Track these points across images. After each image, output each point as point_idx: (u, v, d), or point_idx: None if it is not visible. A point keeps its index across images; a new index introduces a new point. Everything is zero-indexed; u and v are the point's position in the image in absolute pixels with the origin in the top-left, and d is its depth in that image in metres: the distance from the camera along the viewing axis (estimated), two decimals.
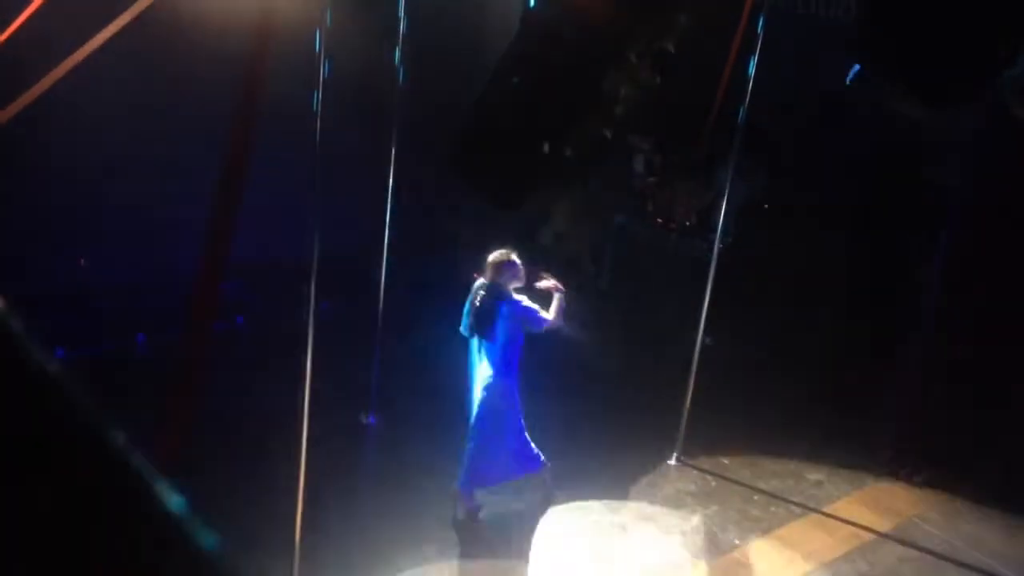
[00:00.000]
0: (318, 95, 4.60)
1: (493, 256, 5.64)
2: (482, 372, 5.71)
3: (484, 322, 5.60)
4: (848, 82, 5.52)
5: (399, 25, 6.10)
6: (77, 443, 0.55)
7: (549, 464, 5.99)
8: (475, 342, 5.75)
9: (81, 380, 0.59)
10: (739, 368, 8.28)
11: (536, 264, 5.89)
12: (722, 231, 6.65)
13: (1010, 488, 6.72)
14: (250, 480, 5.70)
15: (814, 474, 6.88)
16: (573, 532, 5.87)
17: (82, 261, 7.33)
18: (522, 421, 5.85)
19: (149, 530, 0.54)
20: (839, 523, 6.27)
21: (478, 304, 5.63)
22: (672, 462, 6.71)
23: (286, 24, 3.87)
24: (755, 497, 6.47)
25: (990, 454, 6.71)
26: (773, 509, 6.34)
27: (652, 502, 6.27)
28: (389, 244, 6.54)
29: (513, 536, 5.79)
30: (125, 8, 4.13)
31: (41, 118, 4.60)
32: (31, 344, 0.60)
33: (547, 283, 5.75)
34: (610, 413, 7.27)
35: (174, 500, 0.55)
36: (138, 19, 4.15)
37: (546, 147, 5.27)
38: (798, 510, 6.37)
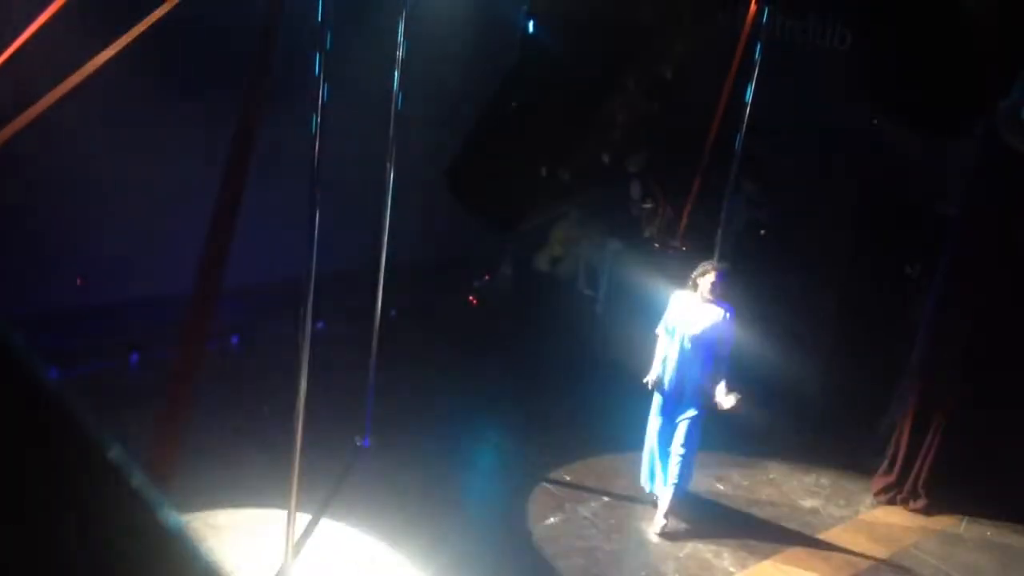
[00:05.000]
0: (317, 118, 4.62)
1: (710, 269, 5.92)
2: (692, 380, 5.92)
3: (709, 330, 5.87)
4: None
5: (398, 50, 6.14)
6: (75, 459, 0.55)
7: None
8: (687, 351, 5.91)
9: (76, 398, 0.59)
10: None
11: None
12: (718, 257, 6.66)
13: (1010, 517, 6.69)
14: (243, 501, 5.66)
15: (809, 500, 6.85)
16: (565, 559, 5.83)
17: (79, 280, 7.32)
18: None
19: (147, 545, 0.54)
20: (835, 551, 6.24)
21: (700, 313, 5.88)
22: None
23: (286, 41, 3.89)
24: (751, 524, 6.43)
25: (990, 482, 6.69)
26: (768, 536, 6.31)
27: (645, 529, 6.23)
28: (387, 264, 6.53)
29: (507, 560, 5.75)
30: (123, 28, 4.14)
31: (37, 138, 4.61)
32: (30, 362, 0.59)
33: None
34: (602, 440, 7.24)
35: (171, 517, 0.55)
36: (136, 38, 4.17)
37: (544, 171, 5.29)
38: (793, 537, 6.34)
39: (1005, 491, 6.71)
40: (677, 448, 5.98)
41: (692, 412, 5.96)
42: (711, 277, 5.81)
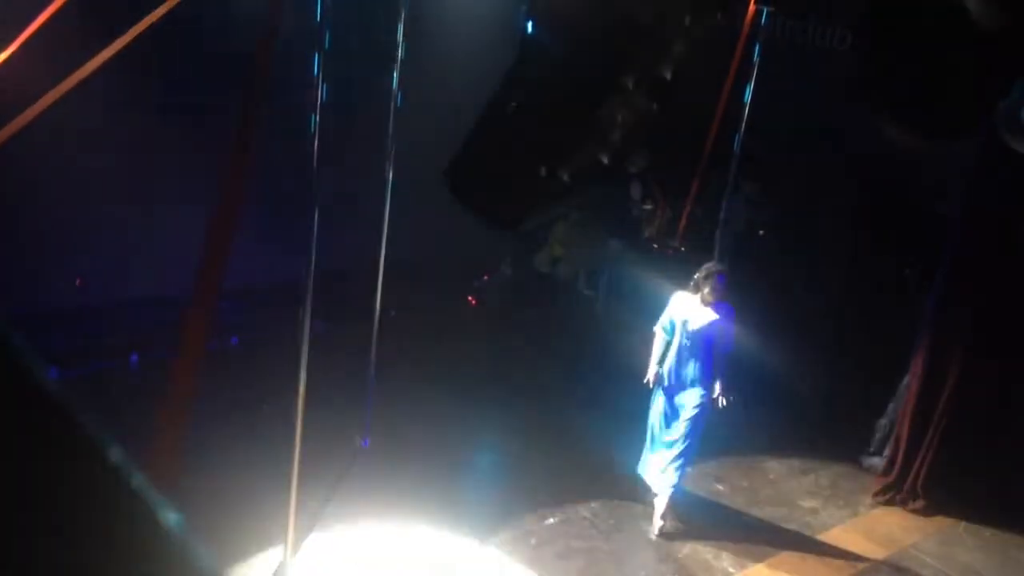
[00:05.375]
0: (316, 119, 4.62)
1: (714, 271, 5.93)
2: (693, 378, 5.99)
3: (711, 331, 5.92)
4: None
5: (397, 50, 6.14)
6: (75, 459, 0.55)
7: None
8: (686, 349, 5.96)
9: (76, 398, 0.59)
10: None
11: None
12: (718, 257, 6.67)
13: (1010, 517, 6.69)
14: (242, 501, 5.65)
15: (809, 501, 6.85)
16: (565, 559, 5.83)
17: (79, 281, 7.32)
18: None
19: (147, 546, 0.54)
20: (834, 551, 6.24)
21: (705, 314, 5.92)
22: None
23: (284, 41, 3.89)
24: (750, 524, 6.43)
25: (989, 483, 6.69)
26: (767, 537, 6.30)
27: (645, 529, 6.23)
28: (387, 264, 6.53)
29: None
30: (123, 28, 4.14)
31: (37, 138, 4.61)
32: (30, 362, 0.59)
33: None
34: (601, 440, 7.24)
35: (172, 517, 0.55)
36: (136, 38, 4.17)
37: (544, 171, 5.28)
38: (793, 538, 6.34)
39: (1005, 491, 6.70)
40: (677, 447, 6.00)
41: (693, 411, 5.98)
42: (715, 279, 5.84)
